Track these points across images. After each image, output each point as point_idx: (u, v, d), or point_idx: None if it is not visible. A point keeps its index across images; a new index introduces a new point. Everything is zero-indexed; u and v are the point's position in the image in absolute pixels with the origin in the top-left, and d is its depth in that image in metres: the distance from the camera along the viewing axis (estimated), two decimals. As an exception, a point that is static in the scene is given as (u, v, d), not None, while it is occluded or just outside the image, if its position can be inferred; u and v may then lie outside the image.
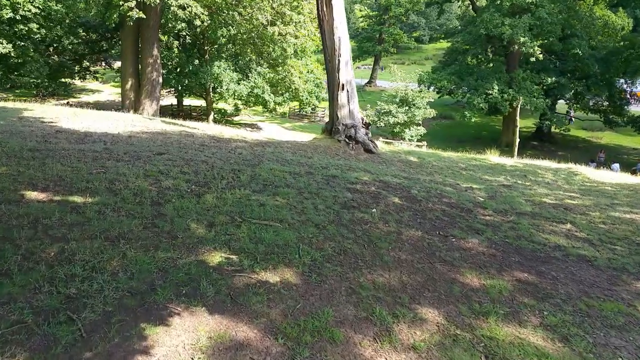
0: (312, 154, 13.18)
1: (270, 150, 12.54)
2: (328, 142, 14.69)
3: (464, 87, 37.69)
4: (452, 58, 43.95)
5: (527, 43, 33.85)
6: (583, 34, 36.55)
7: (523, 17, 34.40)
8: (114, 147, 10.52)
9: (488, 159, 17.57)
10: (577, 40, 35.73)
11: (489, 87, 35.87)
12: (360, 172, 10.85)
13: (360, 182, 9.35)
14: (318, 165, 11.28)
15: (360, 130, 14.88)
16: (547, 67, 37.72)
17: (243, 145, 12.78)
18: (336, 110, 14.86)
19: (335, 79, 14.81)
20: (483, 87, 35.94)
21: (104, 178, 7.37)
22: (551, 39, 36.07)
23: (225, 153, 11.29)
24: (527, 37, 33.87)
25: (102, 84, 55.78)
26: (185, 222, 5.78)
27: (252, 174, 8.78)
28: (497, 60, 39.14)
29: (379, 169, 12.28)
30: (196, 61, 34.02)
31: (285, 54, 27.84)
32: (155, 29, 28.20)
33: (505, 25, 34.36)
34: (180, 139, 12.47)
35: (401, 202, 8.04)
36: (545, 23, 34.59)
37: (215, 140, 12.96)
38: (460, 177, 13.26)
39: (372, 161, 13.78)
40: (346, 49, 14.79)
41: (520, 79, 36.33)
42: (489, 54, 41.80)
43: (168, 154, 10.24)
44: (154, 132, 13.36)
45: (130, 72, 29.05)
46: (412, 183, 10.16)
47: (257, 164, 10.13)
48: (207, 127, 19.60)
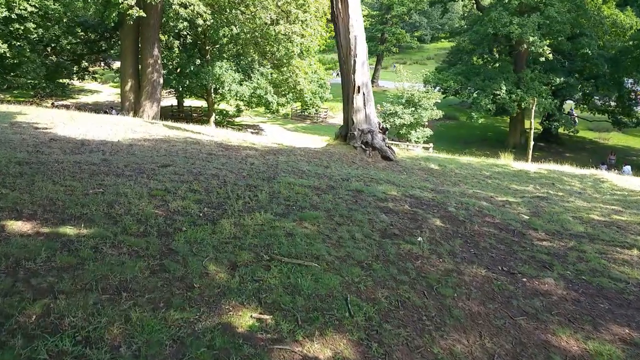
0: (328, 162, 12.06)
1: (284, 159, 11.41)
2: (343, 148, 13.56)
3: (470, 87, 36.60)
4: (456, 58, 42.84)
5: (537, 42, 32.78)
6: (592, 33, 35.47)
7: (532, 16, 33.31)
8: (113, 159, 9.37)
9: (509, 165, 16.47)
10: (587, 40, 34.67)
11: (497, 88, 34.79)
12: (385, 185, 9.74)
13: (391, 199, 8.22)
14: (338, 176, 10.17)
15: (378, 136, 13.77)
16: (555, 67, 36.65)
17: (254, 154, 11.65)
18: (351, 115, 13.75)
19: (351, 81, 13.69)
20: (491, 88, 34.86)
21: (102, 200, 6.24)
22: (560, 38, 35.01)
23: (236, 164, 10.15)
24: (536, 36, 32.79)
25: (101, 85, 54.57)
26: (202, 263, 4.65)
27: (270, 191, 7.65)
28: (505, 60, 38.04)
29: (402, 179, 11.16)
30: (197, 61, 32.85)
31: (289, 54, 26.72)
32: (155, 28, 27.04)
33: (514, 24, 33.29)
34: (185, 147, 11.34)
35: (444, 225, 6.92)
36: (555, 22, 33.53)
37: (223, 149, 11.83)
38: (488, 187, 12.16)
39: (391, 170, 12.66)
40: (362, 48, 13.67)
41: (528, 79, 35.27)
42: (495, 54, 40.73)
43: (174, 166, 9.10)
44: (156, 139, 12.23)
45: (130, 72, 27.88)
46: (445, 198, 9.04)
47: (272, 177, 9.01)
48: (211, 131, 18.47)
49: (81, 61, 41.27)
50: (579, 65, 37.34)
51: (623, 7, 37.92)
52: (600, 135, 43.07)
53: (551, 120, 36.83)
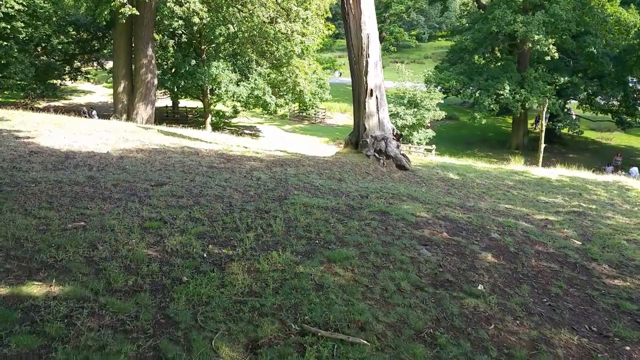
0: (341, 174, 10.82)
1: (292, 171, 10.16)
2: (355, 157, 12.33)
3: (473, 87, 35.42)
4: (456, 57, 41.61)
5: (542, 41, 31.62)
6: (597, 31, 34.37)
7: (536, 14, 32.15)
8: (101, 175, 8.10)
9: (529, 173, 15.29)
10: (592, 38, 33.54)
11: (500, 87, 33.62)
12: (410, 203, 8.52)
13: (423, 222, 7.01)
14: (355, 193, 8.94)
15: (392, 144, 12.54)
16: (558, 66, 35.51)
17: (259, 165, 10.39)
18: (363, 120, 12.51)
19: (363, 83, 12.45)
20: (494, 88, 33.68)
21: (83, 239, 4.98)
22: (564, 37, 33.87)
23: (241, 179, 8.90)
24: (541, 34, 31.64)
25: (95, 85, 52.98)
26: (210, 343, 3.40)
27: (285, 217, 6.42)
28: (508, 59, 36.87)
29: (424, 194, 9.94)
30: (193, 61, 31.49)
31: (289, 54, 25.45)
32: (149, 27, 25.67)
33: (518, 22, 32.12)
34: (183, 159, 10.06)
35: (498, 261, 5.71)
36: (560, 20, 32.37)
37: (224, 160, 10.56)
38: (516, 200, 10.97)
39: (409, 181, 11.44)
40: (375, 48, 12.43)
41: (532, 79, 34.10)
42: (497, 53, 39.57)
43: (170, 184, 7.84)
44: (150, 149, 10.94)
45: (123, 73, 26.49)
46: (480, 218, 7.84)
47: (284, 197, 7.77)
48: (209, 136, 17.19)
49: (73, 61, 39.78)
50: (583, 65, 36.23)
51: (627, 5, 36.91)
52: (603, 135, 42.04)
53: (555, 120, 35.72)
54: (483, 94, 33.95)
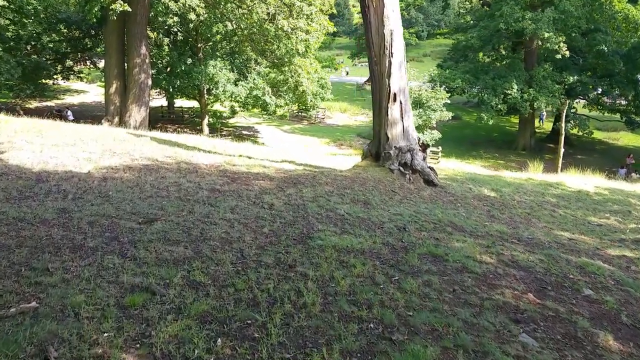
0: (364, 194, 9.07)
1: (309, 194, 8.40)
2: (376, 172, 10.57)
3: (479, 86, 33.70)
4: (458, 55, 39.85)
5: (552, 39, 29.95)
6: (607, 28, 32.73)
7: (546, 11, 30.46)
8: (76, 208, 6.32)
9: (563, 184, 13.58)
10: (602, 36, 31.87)
11: (508, 87, 31.93)
12: (459, 238, 6.81)
13: (493, 274, 5.32)
14: (389, 223, 7.22)
15: (418, 155, 10.80)
16: (567, 64, 33.86)
17: (269, 186, 8.61)
18: (385, 129, 10.75)
19: (385, 86, 10.69)
20: (501, 87, 31.99)
21: (28, 338, 3.21)
22: (573, 34, 32.21)
23: (250, 207, 7.13)
24: (551, 32, 29.96)
25: (88, 84, 50.91)
26: None
27: (317, 277, 4.68)
28: (514, 58, 35.18)
29: (469, 222, 8.23)
30: (189, 60, 29.54)
31: (292, 52, 23.62)
32: (143, 25, 23.76)
33: (526, 19, 30.42)
34: (179, 180, 8.27)
35: (624, 348, 3.98)
36: (570, 17, 30.70)
37: (228, 179, 8.77)
38: (567, 223, 9.27)
39: (442, 200, 9.71)
40: (400, 46, 10.67)
41: (540, 78, 32.43)
42: (502, 51, 37.88)
43: (163, 219, 6.08)
44: (140, 166, 9.14)
45: (115, 73, 24.58)
46: (555, 262, 6.17)
47: (307, 235, 6.04)
48: (207, 142, 15.37)
49: (65, 60, 37.81)
50: (591, 63, 34.57)
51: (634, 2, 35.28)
52: (609, 135, 40.49)
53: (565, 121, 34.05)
54: (490, 94, 32.25)
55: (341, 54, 60.19)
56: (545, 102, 32.06)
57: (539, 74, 32.46)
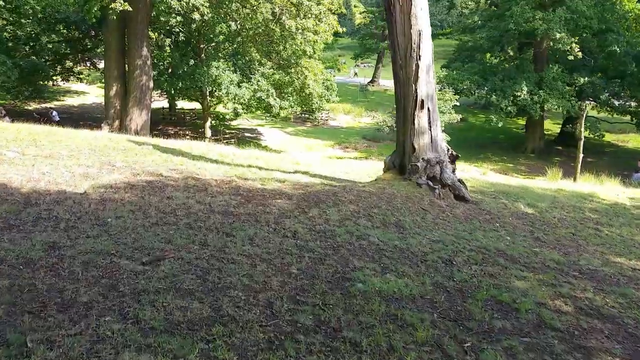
0: (393, 213, 8.02)
1: (334, 215, 7.35)
2: (402, 186, 9.51)
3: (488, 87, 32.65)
4: (463, 55, 38.78)
5: (564, 39, 28.91)
6: (620, 28, 31.68)
7: (557, 10, 29.40)
8: (68, 242, 5.26)
9: (596, 195, 12.54)
10: (614, 36, 30.80)
11: (518, 89, 30.87)
12: (516, 273, 5.81)
13: (574, 327, 4.27)
14: (432, 254, 6.20)
15: (448, 168, 9.76)
16: (577, 65, 32.81)
17: (288, 206, 7.55)
18: (412, 139, 9.70)
19: (411, 92, 9.63)
20: (511, 88, 30.94)
21: None
22: (584, 34, 31.17)
23: (272, 237, 6.08)
24: (563, 32, 28.91)
25: (89, 86, 49.72)
26: None
27: (371, 346, 3.63)
28: (524, 59, 34.13)
29: (517, 249, 7.19)
30: (191, 61, 28.47)
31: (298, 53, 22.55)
32: (144, 25, 22.70)
33: (537, 19, 29.37)
34: (187, 201, 7.20)
35: None
36: (582, 17, 29.68)
37: (243, 198, 7.71)
38: (616, 244, 8.26)
39: (478, 220, 8.66)
40: (428, 48, 9.62)
41: (550, 79, 31.38)
42: (509, 52, 36.83)
43: (171, 257, 5.02)
44: (143, 182, 8.07)
45: (116, 75, 23.52)
46: (634, 308, 5.11)
47: (344, 276, 5.02)
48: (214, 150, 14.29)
49: (64, 61, 36.70)
50: (602, 64, 33.51)
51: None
52: (618, 137, 39.46)
53: (574, 123, 33.03)
54: (499, 96, 31.19)
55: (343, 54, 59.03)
56: (556, 104, 31.04)
57: (549, 75, 31.42)
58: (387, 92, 53.30)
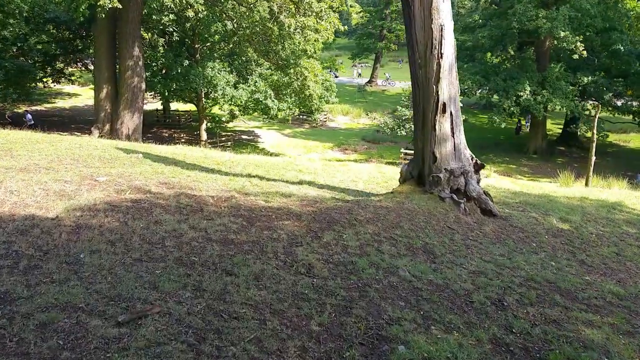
0: (418, 235, 6.87)
1: (353, 241, 6.19)
2: (422, 200, 8.34)
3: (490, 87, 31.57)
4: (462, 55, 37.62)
5: (568, 38, 27.85)
6: (623, 27, 30.67)
7: (561, 9, 28.32)
8: (25, 292, 4.07)
9: (624, 204, 11.42)
10: (618, 35, 29.79)
11: (520, 89, 29.80)
12: (581, 316, 4.66)
13: None
14: (477, 294, 5.05)
15: (473, 179, 8.61)
16: (579, 65, 31.79)
17: (297, 230, 6.38)
18: (432, 146, 8.54)
19: (431, 94, 8.47)
20: (514, 88, 29.86)
21: None
22: (587, 33, 30.13)
23: (282, 275, 4.90)
24: (567, 31, 27.86)
25: (81, 87, 48.30)
26: None
27: None
28: (526, 58, 33.08)
29: (569, 279, 6.06)
30: (185, 62, 27.21)
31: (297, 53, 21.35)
32: (135, 24, 21.41)
33: (541, 17, 28.30)
34: (179, 226, 6.01)
35: None
36: (586, 15, 28.64)
37: (244, 220, 6.53)
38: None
39: (512, 239, 7.51)
40: (451, 44, 8.48)
41: (554, 79, 30.33)
42: (510, 51, 35.77)
43: (156, 312, 3.84)
44: (128, 202, 6.86)
45: (106, 77, 22.22)
46: None
47: (377, 333, 3.88)
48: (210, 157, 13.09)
49: (54, 62, 35.29)
50: (605, 63, 32.50)
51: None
52: (620, 137, 38.50)
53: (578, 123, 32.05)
54: (502, 96, 30.11)
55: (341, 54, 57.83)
56: (560, 104, 29.99)
57: (552, 74, 30.37)
58: (385, 93, 52.20)
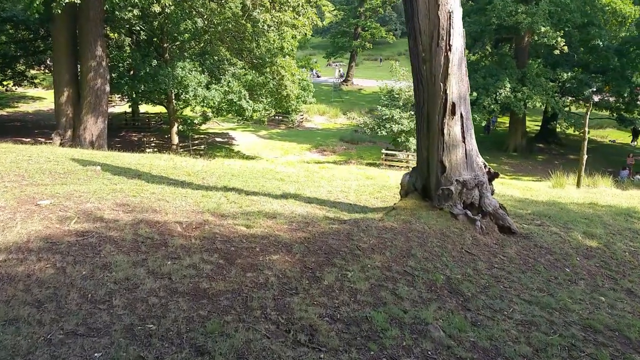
0: (436, 265, 5.54)
1: (362, 283, 4.80)
2: (431, 218, 7.00)
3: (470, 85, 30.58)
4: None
5: (549, 33, 27.07)
6: (601, 22, 30.10)
7: (541, 3, 27.53)
8: None
9: (638, 210, 10.34)
10: (597, 30, 29.20)
11: (500, 85, 28.94)
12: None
13: None
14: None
15: (488, 191, 7.31)
16: (559, 61, 31.14)
17: (290, 270, 4.96)
18: (440, 154, 7.20)
19: (438, 93, 7.15)
20: (494, 86, 28.97)
21: None
22: (567, 28, 29.45)
23: (278, 349, 3.46)
24: (548, 26, 27.08)
25: (46, 90, 45.63)
26: None
27: None
28: (504, 54, 32.28)
29: (621, 319, 4.78)
30: (154, 62, 25.39)
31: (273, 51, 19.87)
32: (97, 22, 19.57)
33: (520, 12, 27.47)
34: (134, 272, 4.51)
35: None
36: (565, 10, 27.92)
37: (220, 257, 5.06)
38: None
39: (542, 265, 6.24)
40: (460, 35, 7.17)
41: (534, 75, 29.57)
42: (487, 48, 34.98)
43: None
44: (72, 236, 5.32)
45: (66, 79, 20.30)
46: None
47: None
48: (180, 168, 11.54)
49: (15, 64, 32.94)
50: (584, 59, 31.94)
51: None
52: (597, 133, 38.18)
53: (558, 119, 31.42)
54: (482, 94, 29.18)
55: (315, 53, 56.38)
56: (540, 101, 29.24)
57: (531, 71, 29.61)
58: (362, 92, 51.01)
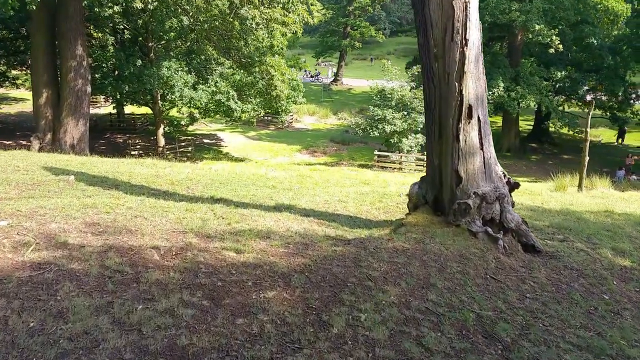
0: (462, 300, 4.65)
1: (381, 329, 3.89)
2: (447, 237, 6.12)
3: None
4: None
5: (544, 32, 26.40)
6: (595, 20, 29.54)
7: (535, 1, 26.85)
8: None
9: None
10: (591, 28, 28.62)
11: (494, 85, 28.23)
12: None
13: None
14: None
15: (509, 204, 6.43)
16: (552, 59, 30.52)
17: (290, 312, 4.04)
18: (456, 163, 6.32)
19: (452, 93, 6.27)
20: (488, 85, 28.22)
21: None
22: (561, 26, 28.83)
23: None
24: (542, 24, 26.41)
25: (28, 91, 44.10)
26: None
27: None
28: (497, 53, 31.61)
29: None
30: (138, 62, 24.28)
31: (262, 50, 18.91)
32: (76, 19, 18.46)
33: (514, 10, 26.77)
34: (94, 321, 3.57)
35: None
36: (559, 8, 27.28)
37: (207, 298, 4.13)
38: None
39: (578, 291, 5.39)
40: (477, 29, 6.28)
41: (527, 74, 28.92)
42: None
43: None
44: (26, 267, 4.35)
45: (45, 80, 19.16)
46: None
47: None
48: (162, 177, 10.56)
49: (-4, 65, 31.63)
50: (577, 57, 31.38)
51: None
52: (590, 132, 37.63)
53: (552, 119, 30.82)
54: (476, 93, 28.39)
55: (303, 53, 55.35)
56: (534, 100, 28.59)
57: (525, 70, 28.95)
58: (352, 92, 50.16)
